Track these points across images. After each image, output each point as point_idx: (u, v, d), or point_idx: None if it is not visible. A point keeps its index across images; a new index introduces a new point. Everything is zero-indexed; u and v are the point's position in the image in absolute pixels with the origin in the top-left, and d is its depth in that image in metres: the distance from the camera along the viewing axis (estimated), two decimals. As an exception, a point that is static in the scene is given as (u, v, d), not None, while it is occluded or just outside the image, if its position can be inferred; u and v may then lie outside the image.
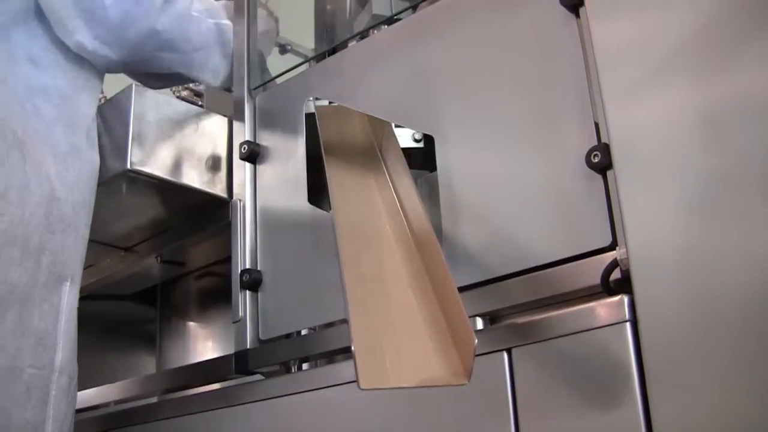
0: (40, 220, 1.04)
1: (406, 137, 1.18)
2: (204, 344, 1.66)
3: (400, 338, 0.82)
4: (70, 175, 1.10)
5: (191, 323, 1.69)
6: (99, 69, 1.20)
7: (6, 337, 1.00)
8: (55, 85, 1.14)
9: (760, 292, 0.70)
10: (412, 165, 1.12)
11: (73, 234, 1.10)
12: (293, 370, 1.14)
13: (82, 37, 1.14)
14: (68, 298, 1.09)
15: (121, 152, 1.18)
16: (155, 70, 1.27)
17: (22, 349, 1.01)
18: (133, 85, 1.21)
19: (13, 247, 1.01)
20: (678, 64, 0.80)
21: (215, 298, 1.65)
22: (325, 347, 1.09)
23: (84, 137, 1.15)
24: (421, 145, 1.18)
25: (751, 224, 0.72)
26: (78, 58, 1.17)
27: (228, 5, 1.39)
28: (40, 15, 1.15)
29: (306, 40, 1.79)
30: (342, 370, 1.02)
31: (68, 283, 1.09)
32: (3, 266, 0.99)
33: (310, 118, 1.21)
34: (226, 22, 1.32)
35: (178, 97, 1.49)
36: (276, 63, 1.72)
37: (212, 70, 1.31)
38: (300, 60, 1.79)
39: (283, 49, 1.83)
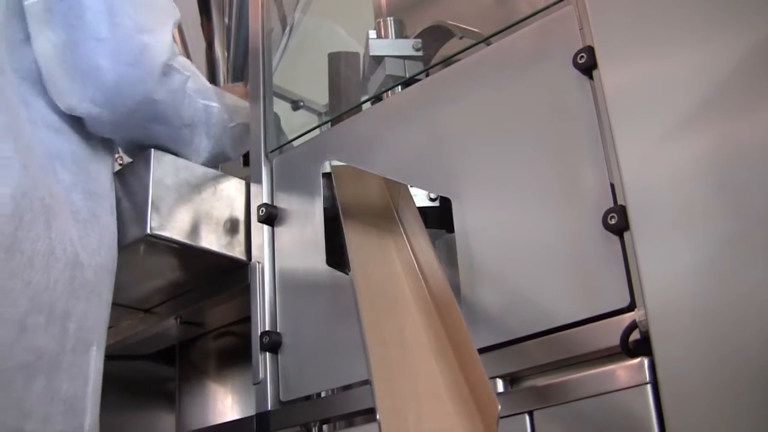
0: (65, 286, 1.05)
1: (421, 196, 1.19)
2: (223, 403, 1.66)
3: (422, 403, 0.82)
4: (91, 241, 1.10)
5: (210, 382, 1.68)
6: (91, 130, 1.18)
7: (34, 404, 1.00)
8: (70, 151, 1.14)
9: (780, 350, 0.71)
10: (428, 224, 1.13)
11: (96, 299, 1.10)
12: (314, 432, 1.14)
13: (73, 99, 1.13)
14: (95, 362, 1.09)
15: (141, 217, 1.18)
16: (141, 140, 1.25)
17: (51, 414, 1.01)
18: (152, 150, 1.22)
19: (39, 313, 1.01)
20: (691, 125, 0.81)
21: (234, 357, 1.64)
22: (346, 409, 1.08)
23: (102, 204, 1.15)
24: (436, 204, 1.18)
25: (769, 283, 0.73)
26: None
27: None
28: None
29: (318, 95, 1.81)
30: (362, 432, 1.03)
31: (95, 348, 1.09)
32: (30, 333, 1.00)
33: (326, 176, 1.23)
34: (216, 104, 1.32)
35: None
36: (289, 119, 1.74)
37: (195, 148, 1.30)
38: (311, 115, 1.82)
39: (296, 105, 1.85)
